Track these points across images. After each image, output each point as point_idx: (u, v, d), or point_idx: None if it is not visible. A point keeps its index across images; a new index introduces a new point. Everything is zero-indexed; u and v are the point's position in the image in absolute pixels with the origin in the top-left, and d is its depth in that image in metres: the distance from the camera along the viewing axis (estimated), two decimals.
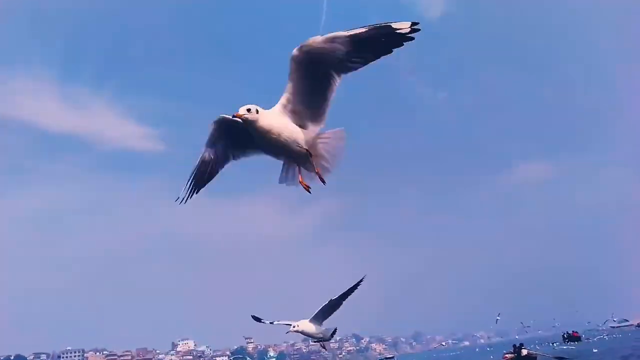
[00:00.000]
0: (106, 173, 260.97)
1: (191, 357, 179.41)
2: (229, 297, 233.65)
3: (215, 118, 4.31)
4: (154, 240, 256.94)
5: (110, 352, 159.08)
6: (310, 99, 3.87)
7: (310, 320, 11.35)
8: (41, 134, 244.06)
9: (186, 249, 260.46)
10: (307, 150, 3.99)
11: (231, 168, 4.86)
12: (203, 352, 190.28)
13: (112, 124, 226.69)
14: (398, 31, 3.46)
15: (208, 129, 4.41)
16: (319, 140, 4.18)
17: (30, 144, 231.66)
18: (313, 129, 4.05)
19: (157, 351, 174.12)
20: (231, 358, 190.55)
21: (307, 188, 4.26)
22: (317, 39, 3.57)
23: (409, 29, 3.46)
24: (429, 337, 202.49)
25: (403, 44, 3.51)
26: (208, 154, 4.56)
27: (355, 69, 3.77)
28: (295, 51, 3.59)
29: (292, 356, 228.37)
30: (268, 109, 4.11)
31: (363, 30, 3.47)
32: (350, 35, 3.47)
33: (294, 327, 11.77)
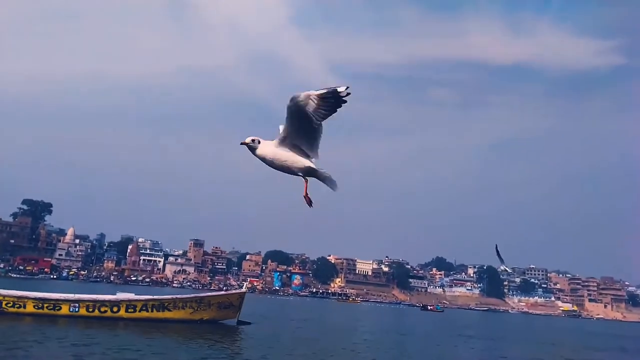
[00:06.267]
0: (558, 97, 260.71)
1: None
2: None
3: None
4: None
5: (574, 276, 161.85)
6: (302, 137, 4.60)
7: None
8: (490, 68, 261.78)
9: None
10: (302, 176, 4.69)
11: None
12: None
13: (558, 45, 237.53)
14: (340, 93, 4.17)
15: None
16: (320, 171, 4.70)
17: (481, 79, 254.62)
18: (313, 159, 4.70)
19: (626, 282, 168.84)
20: None
21: (309, 203, 4.73)
22: (301, 95, 4.27)
23: (345, 92, 4.18)
24: None
25: (341, 105, 4.24)
26: None
27: (322, 118, 4.38)
28: (288, 102, 4.31)
29: None
30: None
31: (324, 91, 4.17)
32: (318, 94, 4.19)
33: None
